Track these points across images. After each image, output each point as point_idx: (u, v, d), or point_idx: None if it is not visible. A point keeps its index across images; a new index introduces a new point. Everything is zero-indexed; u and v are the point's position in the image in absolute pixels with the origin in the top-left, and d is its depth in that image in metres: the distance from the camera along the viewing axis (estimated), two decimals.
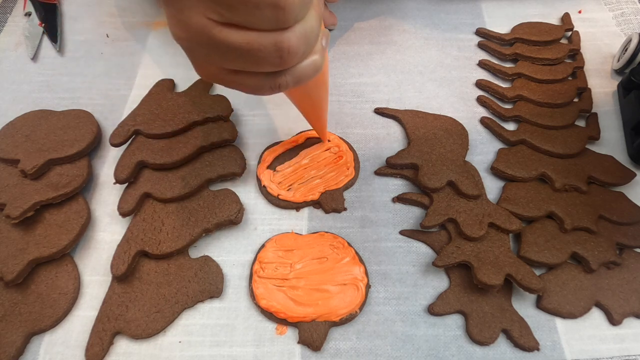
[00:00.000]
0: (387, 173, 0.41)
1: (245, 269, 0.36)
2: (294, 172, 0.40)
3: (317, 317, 0.33)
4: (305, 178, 0.40)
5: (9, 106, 0.45)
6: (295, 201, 0.39)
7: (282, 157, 0.41)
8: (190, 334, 0.33)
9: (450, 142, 0.42)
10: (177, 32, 0.26)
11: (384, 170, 0.41)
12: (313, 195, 0.39)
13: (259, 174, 0.40)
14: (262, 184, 0.39)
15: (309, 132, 0.42)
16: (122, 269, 0.34)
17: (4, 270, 0.33)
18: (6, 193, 0.36)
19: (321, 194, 0.39)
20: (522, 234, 0.37)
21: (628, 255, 0.37)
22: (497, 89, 0.46)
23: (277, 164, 0.41)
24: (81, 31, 0.51)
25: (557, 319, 0.34)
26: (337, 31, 0.51)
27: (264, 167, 0.40)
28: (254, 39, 0.24)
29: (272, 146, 0.42)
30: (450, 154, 0.40)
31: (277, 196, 0.39)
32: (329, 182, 0.39)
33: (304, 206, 0.39)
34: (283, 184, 0.39)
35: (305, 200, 0.39)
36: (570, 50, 0.48)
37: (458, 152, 0.41)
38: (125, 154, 0.39)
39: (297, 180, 0.39)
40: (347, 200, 0.40)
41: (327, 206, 0.38)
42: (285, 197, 0.39)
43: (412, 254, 0.37)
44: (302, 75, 0.27)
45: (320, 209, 0.39)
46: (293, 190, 0.39)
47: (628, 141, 0.43)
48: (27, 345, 0.33)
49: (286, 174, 0.40)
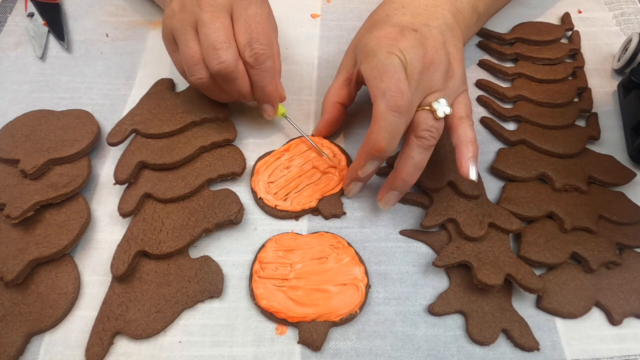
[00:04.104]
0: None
1: (245, 269, 0.36)
2: (289, 181, 0.39)
3: (317, 317, 0.33)
4: (300, 187, 0.39)
5: (9, 106, 0.45)
6: (293, 210, 0.38)
7: (274, 166, 0.40)
8: (190, 334, 0.33)
9: (450, 142, 0.41)
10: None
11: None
12: (311, 203, 0.38)
13: (253, 186, 0.39)
14: (258, 196, 0.39)
15: (300, 139, 0.42)
16: (122, 269, 0.34)
17: (4, 270, 0.33)
18: (6, 193, 0.36)
19: (319, 200, 0.39)
20: (522, 234, 0.37)
21: (628, 255, 0.37)
22: (497, 89, 0.46)
23: (270, 174, 0.40)
24: (81, 31, 0.51)
25: (557, 319, 0.34)
26: (338, 31, 0.51)
27: (258, 178, 0.40)
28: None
29: (263, 157, 0.41)
30: (450, 153, 0.40)
31: (275, 207, 0.38)
32: (324, 188, 0.39)
33: (302, 214, 0.39)
34: (279, 194, 0.39)
35: (303, 208, 0.38)
36: (571, 50, 0.48)
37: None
38: (125, 155, 0.39)
39: (292, 190, 0.39)
40: (346, 200, 0.40)
41: (326, 212, 0.38)
42: (283, 207, 0.38)
43: (412, 254, 0.37)
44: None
45: (320, 215, 0.39)
46: (290, 200, 0.39)
47: (628, 141, 0.43)
48: (27, 345, 0.33)
49: (281, 184, 0.39)
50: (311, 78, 0.48)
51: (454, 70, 0.36)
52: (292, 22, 0.52)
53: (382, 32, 0.35)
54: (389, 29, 0.35)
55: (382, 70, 0.32)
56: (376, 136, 0.33)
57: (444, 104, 0.34)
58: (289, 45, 0.50)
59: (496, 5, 0.46)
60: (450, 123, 0.35)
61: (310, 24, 0.52)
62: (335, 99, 0.41)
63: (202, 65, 0.36)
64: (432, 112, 0.34)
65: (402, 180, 0.35)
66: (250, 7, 0.36)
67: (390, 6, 0.39)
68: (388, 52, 0.33)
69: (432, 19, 0.37)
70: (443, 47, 0.35)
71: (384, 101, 0.32)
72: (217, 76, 0.35)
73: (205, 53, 0.35)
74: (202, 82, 0.36)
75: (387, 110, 0.32)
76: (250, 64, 0.36)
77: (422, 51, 0.34)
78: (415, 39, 0.34)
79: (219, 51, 0.34)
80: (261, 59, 0.35)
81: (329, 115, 0.41)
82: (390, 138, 0.33)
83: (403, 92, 0.32)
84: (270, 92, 0.38)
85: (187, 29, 0.35)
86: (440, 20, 0.37)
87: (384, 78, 0.32)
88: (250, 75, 0.37)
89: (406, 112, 0.32)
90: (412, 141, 0.34)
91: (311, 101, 0.46)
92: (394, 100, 0.32)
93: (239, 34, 0.35)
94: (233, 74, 0.35)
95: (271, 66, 0.36)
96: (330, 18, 0.53)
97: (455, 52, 0.37)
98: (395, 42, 0.34)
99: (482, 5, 0.42)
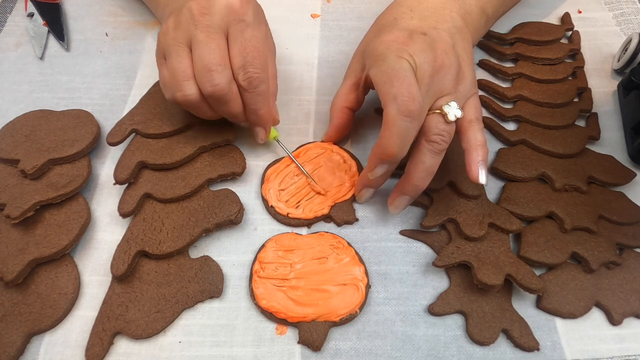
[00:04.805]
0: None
1: (245, 269, 0.36)
2: (299, 189, 0.39)
3: (317, 317, 0.33)
4: (312, 194, 0.39)
5: (9, 106, 0.45)
6: (306, 218, 0.38)
7: (285, 173, 0.40)
8: (190, 334, 0.33)
9: (451, 143, 0.41)
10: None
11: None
12: (323, 210, 0.38)
13: (264, 194, 0.39)
14: (270, 205, 0.39)
15: (310, 145, 0.42)
16: (122, 269, 0.34)
17: (4, 270, 0.33)
18: (6, 193, 0.36)
19: (331, 207, 0.38)
20: (522, 234, 0.37)
21: (628, 255, 0.37)
22: (497, 89, 0.46)
23: (280, 181, 0.40)
24: (81, 30, 0.51)
25: (557, 319, 0.34)
26: (338, 31, 0.51)
27: (268, 186, 0.40)
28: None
29: (273, 164, 0.41)
30: (450, 153, 0.40)
31: (287, 215, 0.38)
32: (336, 195, 0.39)
33: (315, 222, 0.38)
34: (291, 202, 0.39)
35: (315, 215, 0.38)
36: (571, 50, 0.48)
37: (458, 152, 0.41)
38: (125, 155, 0.39)
39: (304, 197, 0.39)
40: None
41: (338, 219, 0.38)
42: (295, 215, 0.38)
43: (412, 254, 0.37)
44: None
45: (332, 222, 0.39)
46: (302, 207, 0.38)
47: (628, 141, 0.43)
48: (27, 345, 0.33)
49: (292, 192, 0.39)
50: (311, 78, 0.48)
51: (464, 73, 0.36)
52: (292, 22, 0.52)
53: (390, 36, 0.34)
54: (398, 32, 0.35)
55: (392, 75, 0.32)
56: (387, 141, 0.32)
57: (455, 108, 0.34)
58: (289, 45, 0.50)
59: (504, 7, 0.46)
60: (460, 126, 0.35)
61: (310, 24, 0.52)
62: (343, 104, 0.41)
63: (193, 83, 0.35)
64: (443, 115, 0.34)
65: (413, 185, 0.35)
66: (246, 30, 0.35)
67: (397, 9, 0.39)
68: (398, 57, 0.33)
69: (440, 21, 0.37)
70: (453, 50, 0.35)
71: (395, 106, 0.32)
72: (210, 98, 0.35)
73: (199, 74, 0.34)
74: (188, 99, 0.35)
75: (399, 116, 0.32)
76: (244, 88, 0.35)
77: (432, 55, 0.33)
78: (425, 42, 0.34)
79: (213, 73, 0.33)
80: (255, 82, 0.35)
81: (338, 120, 0.41)
82: (402, 143, 0.32)
83: (414, 96, 0.31)
84: (263, 116, 0.37)
85: (181, 46, 0.35)
86: (449, 23, 0.37)
87: (395, 83, 0.32)
88: (243, 98, 0.36)
89: (417, 117, 0.32)
90: (423, 146, 0.34)
91: (311, 101, 0.46)
92: (405, 105, 0.31)
93: (233, 57, 0.35)
94: (226, 96, 0.35)
95: (265, 90, 0.36)
96: (330, 18, 0.53)
97: (464, 54, 0.36)
98: (405, 46, 0.33)
99: (490, 7, 0.42)
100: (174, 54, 0.35)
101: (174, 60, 0.35)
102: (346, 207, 0.39)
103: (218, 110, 0.37)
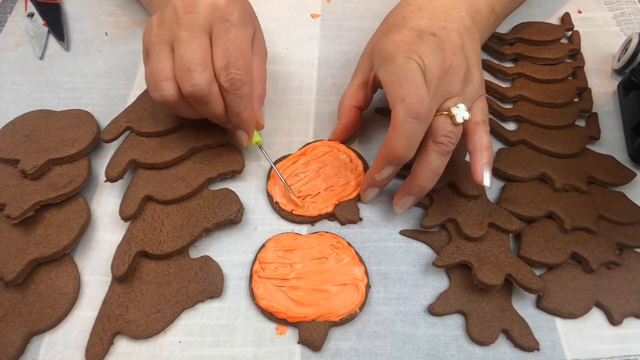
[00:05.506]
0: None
1: (245, 269, 0.36)
2: (305, 185, 0.39)
3: (317, 317, 0.33)
4: (316, 191, 0.39)
5: (9, 106, 0.45)
6: (310, 215, 0.38)
7: (290, 170, 0.40)
8: (190, 334, 0.33)
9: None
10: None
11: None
12: (327, 208, 0.38)
13: (269, 190, 0.39)
14: (275, 201, 0.39)
15: (316, 144, 0.42)
16: (122, 269, 0.34)
17: (4, 270, 0.33)
18: (6, 193, 0.36)
19: (335, 206, 0.38)
20: (522, 234, 0.37)
21: (628, 255, 0.37)
22: (497, 89, 0.46)
23: (286, 178, 0.40)
24: (81, 30, 0.51)
25: (557, 319, 0.34)
26: (338, 31, 0.51)
27: (274, 183, 0.40)
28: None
29: (279, 160, 0.41)
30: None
31: (291, 212, 0.38)
32: (341, 193, 0.39)
33: (318, 219, 0.38)
34: (302, 192, 0.39)
35: (319, 213, 0.38)
36: (571, 50, 0.48)
37: (458, 152, 0.41)
38: (118, 152, 0.39)
39: (309, 194, 0.39)
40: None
41: (342, 218, 0.38)
42: (299, 212, 0.38)
43: (412, 254, 0.37)
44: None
45: (335, 220, 0.39)
46: (306, 205, 0.38)
47: (628, 141, 0.43)
48: (27, 345, 0.33)
49: (297, 189, 0.39)
50: (311, 78, 0.48)
51: (472, 75, 0.35)
52: (292, 22, 0.52)
53: (399, 36, 0.34)
54: (407, 32, 0.34)
55: (400, 76, 0.32)
56: (394, 143, 0.32)
57: (463, 109, 0.34)
58: (289, 45, 0.50)
59: (512, 5, 0.46)
60: (466, 128, 0.35)
61: (310, 24, 0.52)
62: (351, 103, 0.41)
63: (171, 83, 0.34)
64: (451, 117, 0.33)
65: (418, 186, 0.35)
66: (231, 30, 0.34)
67: (406, 9, 0.38)
68: (406, 57, 0.33)
69: (450, 21, 0.36)
70: (462, 51, 0.35)
71: (403, 108, 0.31)
72: (189, 98, 0.34)
73: (179, 73, 0.33)
74: (165, 100, 0.34)
75: (406, 117, 0.31)
76: (226, 89, 0.34)
77: (441, 56, 0.33)
78: (434, 43, 0.34)
79: (193, 73, 0.33)
80: (237, 85, 0.34)
81: (345, 119, 0.41)
82: (409, 145, 0.32)
83: (422, 98, 0.31)
84: (246, 119, 0.36)
85: (163, 45, 0.34)
86: (458, 23, 0.37)
87: (403, 84, 0.32)
88: (225, 99, 0.35)
89: (425, 119, 0.32)
90: (430, 147, 0.34)
91: (311, 101, 0.46)
92: (413, 107, 0.31)
93: (216, 57, 0.34)
94: (206, 97, 0.34)
95: (248, 93, 0.35)
96: (330, 18, 0.53)
97: (473, 55, 0.36)
98: (414, 47, 0.33)
99: (499, 5, 0.42)
100: (154, 53, 0.34)
101: (154, 59, 0.34)
102: (350, 206, 0.39)
103: (199, 111, 0.36)
